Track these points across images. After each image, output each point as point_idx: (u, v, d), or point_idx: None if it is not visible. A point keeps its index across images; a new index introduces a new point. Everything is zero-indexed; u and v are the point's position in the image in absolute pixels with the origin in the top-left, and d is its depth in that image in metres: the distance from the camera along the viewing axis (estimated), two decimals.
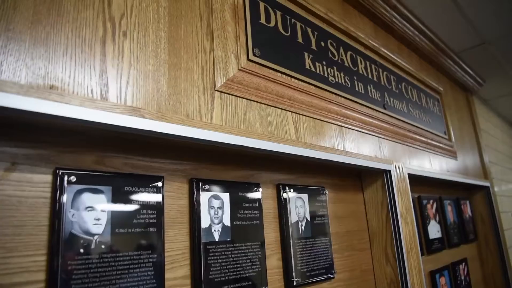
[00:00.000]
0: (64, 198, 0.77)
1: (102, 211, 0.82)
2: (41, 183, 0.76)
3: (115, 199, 0.85)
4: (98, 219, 0.81)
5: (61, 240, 0.75)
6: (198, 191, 1.01)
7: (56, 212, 0.76)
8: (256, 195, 1.15)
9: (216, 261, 1.00)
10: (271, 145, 1.06)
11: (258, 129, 1.11)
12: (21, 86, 0.66)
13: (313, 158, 1.21)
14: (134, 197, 0.88)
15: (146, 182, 0.91)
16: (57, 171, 0.78)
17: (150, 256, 0.87)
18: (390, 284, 1.55)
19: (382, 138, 1.73)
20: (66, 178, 0.78)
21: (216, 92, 1.02)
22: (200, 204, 1.00)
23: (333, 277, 1.37)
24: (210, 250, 0.99)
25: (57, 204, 0.76)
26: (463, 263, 2.46)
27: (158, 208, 0.91)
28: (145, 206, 0.89)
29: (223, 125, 1.01)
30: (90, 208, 0.81)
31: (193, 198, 1.00)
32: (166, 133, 0.83)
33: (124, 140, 0.89)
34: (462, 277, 2.39)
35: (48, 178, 0.77)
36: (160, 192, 0.92)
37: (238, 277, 1.03)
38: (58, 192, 0.77)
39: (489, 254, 2.84)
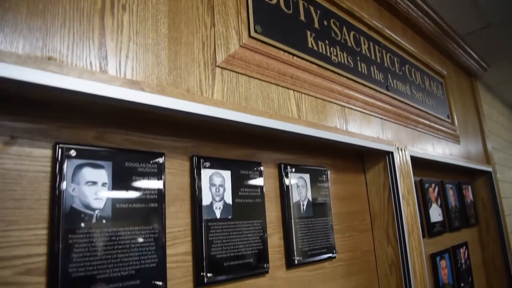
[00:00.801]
0: (64, 172, 0.77)
1: (103, 185, 0.82)
2: (41, 158, 0.75)
3: (115, 174, 0.84)
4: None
5: (61, 214, 0.75)
6: (199, 168, 1.00)
7: (56, 186, 0.75)
8: (257, 173, 1.14)
9: (218, 238, 1.00)
10: (273, 123, 1.05)
11: (260, 106, 1.10)
12: (19, 56, 0.65)
13: (315, 137, 1.20)
14: (135, 172, 0.87)
15: (147, 158, 0.90)
16: (57, 145, 0.77)
17: (152, 231, 0.87)
18: (391, 265, 1.55)
19: (385, 119, 1.72)
20: (66, 152, 0.78)
21: (217, 68, 1.01)
22: (201, 181, 1.00)
23: (334, 257, 1.37)
24: (212, 227, 0.99)
25: (57, 178, 0.76)
26: (464, 247, 2.47)
27: (159, 185, 0.91)
28: (146, 182, 0.89)
29: (224, 101, 0.99)
30: (91, 182, 0.80)
31: (194, 175, 0.99)
32: (166, 108, 0.82)
33: (125, 116, 0.88)
34: (463, 261, 2.40)
35: (48, 152, 0.77)
36: (161, 168, 0.92)
37: (240, 255, 1.04)
38: (58, 167, 0.76)
39: (489, 239, 2.85)
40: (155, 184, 0.90)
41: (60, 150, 0.77)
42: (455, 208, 2.48)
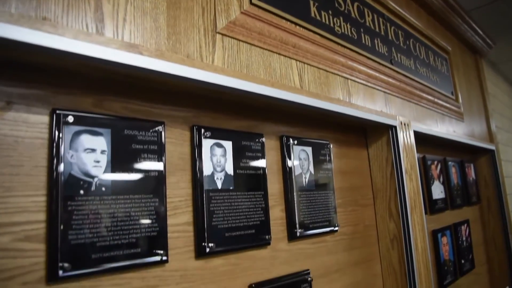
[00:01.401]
0: (62, 139, 0.75)
1: (102, 153, 0.80)
2: (38, 124, 0.74)
3: (114, 142, 0.82)
4: (98, 161, 0.80)
5: (60, 181, 0.73)
6: (200, 138, 0.98)
7: (54, 152, 0.74)
8: (259, 145, 1.13)
9: (219, 208, 0.99)
10: (275, 92, 1.02)
11: (261, 75, 1.07)
12: (11, 15, 0.63)
13: (318, 108, 1.17)
14: (135, 141, 0.86)
15: (147, 126, 0.88)
16: (54, 111, 0.75)
17: (152, 200, 0.86)
18: (393, 239, 1.55)
19: (389, 93, 1.69)
20: (63, 119, 0.76)
21: (217, 34, 0.98)
22: (202, 151, 0.98)
23: (336, 231, 1.37)
24: (213, 198, 0.98)
25: (55, 145, 0.74)
26: (465, 224, 2.47)
27: (159, 153, 0.89)
28: (145, 150, 0.87)
29: (225, 68, 0.97)
30: (89, 150, 0.79)
31: (195, 145, 0.98)
32: (166, 73, 0.80)
33: (123, 83, 0.86)
34: (464, 238, 2.41)
35: (45, 119, 0.75)
36: (161, 137, 0.90)
37: (241, 225, 1.03)
38: (56, 133, 0.74)
39: (491, 217, 2.85)
40: (155, 152, 0.88)
41: (57, 116, 0.75)
42: (457, 186, 2.48)
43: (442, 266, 2.06)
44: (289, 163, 1.22)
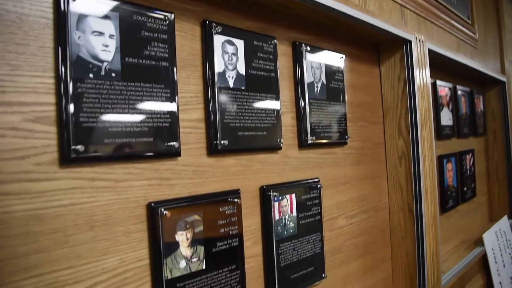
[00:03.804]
0: (68, 18, 0.71)
1: (110, 37, 0.76)
2: (41, 2, 0.69)
3: (123, 27, 0.78)
4: (107, 46, 0.76)
5: (68, 62, 0.70)
6: (211, 32, 0.94)
7: (60, 32, 0.70)
8: (271, 47, 1.08)
9: (231, 106, 0.97)
10: None
11: None
12: None
13: (332, 9, 1.11)
14: (144, 27, 0.81)
15: (156, 14, 0.83)
16: None
17: (163, 91, 0.83)
18: (401, 156, 1.55)
19: (405, 7, 1.60)
20: None
21: None
22: (213, 47, 0.94)
23: (346, 143, 1.36)
24: (225, 95, 0.95)
25: (61, 23, 0.70)
26: (470, 154, 2.48)
27: (170, 44, 0.85)
28: (155, 39, 0.83)
29: None
30: (97, 33, 0.75)
31: (205, 40, 0.93)
32: None
33: None
34: (468, 167, 2.43)
35: None
36: (171, 27, 0.85)
37: (253, 126, 1.01)
38: (60, 11, 0.70)
39: (495, 150, 2.86)
40: (165, 42, 0.84)
41: None
42: (465, 115, 2.45)
43: (445, 190, 2.09)
44: (301, 69, 1.18)
